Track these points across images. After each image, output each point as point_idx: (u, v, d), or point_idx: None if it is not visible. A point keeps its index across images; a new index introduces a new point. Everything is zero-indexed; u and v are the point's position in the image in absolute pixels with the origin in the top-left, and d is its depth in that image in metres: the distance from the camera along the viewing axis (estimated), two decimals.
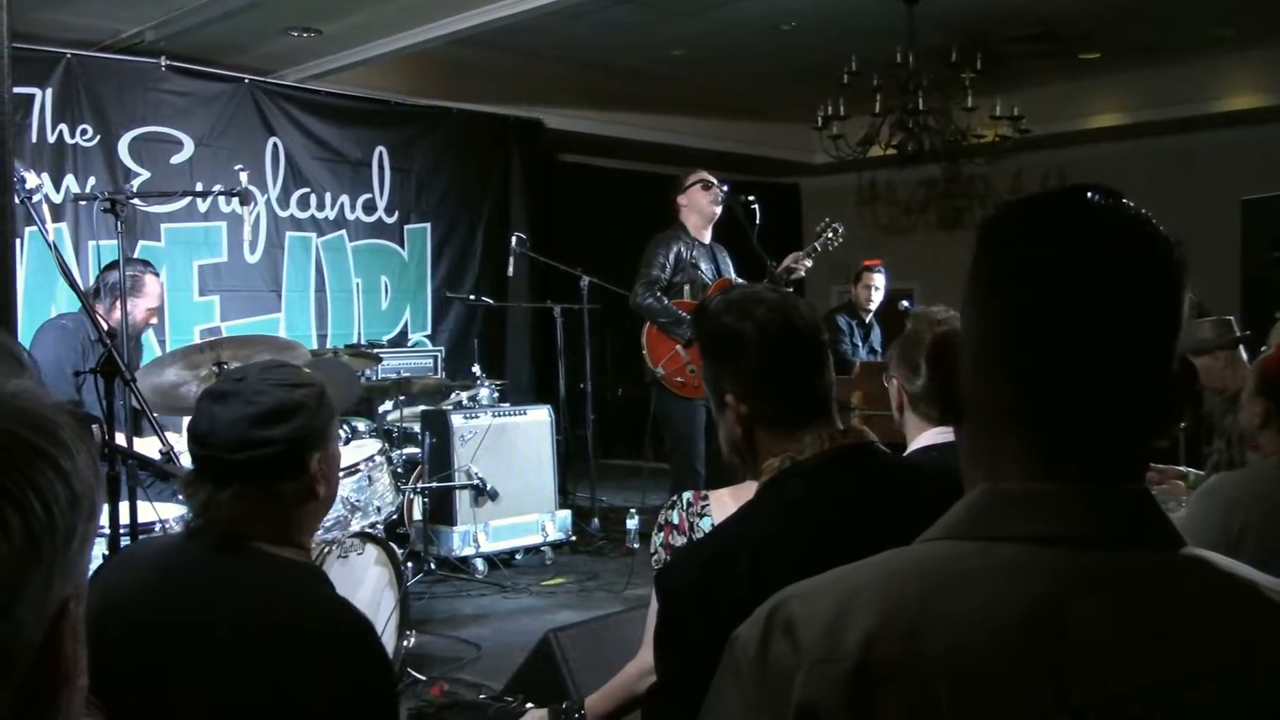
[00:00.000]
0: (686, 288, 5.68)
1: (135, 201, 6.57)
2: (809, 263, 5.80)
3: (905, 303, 6.12)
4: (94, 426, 1.89)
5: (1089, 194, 0.91)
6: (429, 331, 8.42)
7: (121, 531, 3.18)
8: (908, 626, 0.81)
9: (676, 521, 2.34)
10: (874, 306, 7.33)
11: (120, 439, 3.33)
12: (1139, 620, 0.81)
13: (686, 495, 2.39)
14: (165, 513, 3.76)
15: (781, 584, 1.50)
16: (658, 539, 2.35)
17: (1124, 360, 0.87)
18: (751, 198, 5.79)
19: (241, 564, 1.69)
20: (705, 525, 2.30)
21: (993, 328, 0.91)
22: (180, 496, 2.65)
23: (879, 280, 7.32)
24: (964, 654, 0.80)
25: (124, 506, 3.22)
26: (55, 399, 0.79)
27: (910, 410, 2.55)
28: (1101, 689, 0.78)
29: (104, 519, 3.06)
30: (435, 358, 7.65)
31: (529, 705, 2.55)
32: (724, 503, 2.30)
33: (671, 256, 5.67)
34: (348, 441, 5.06)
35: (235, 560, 1.69)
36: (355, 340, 7.65)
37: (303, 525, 1.78)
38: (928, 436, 2.52)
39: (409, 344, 8.07)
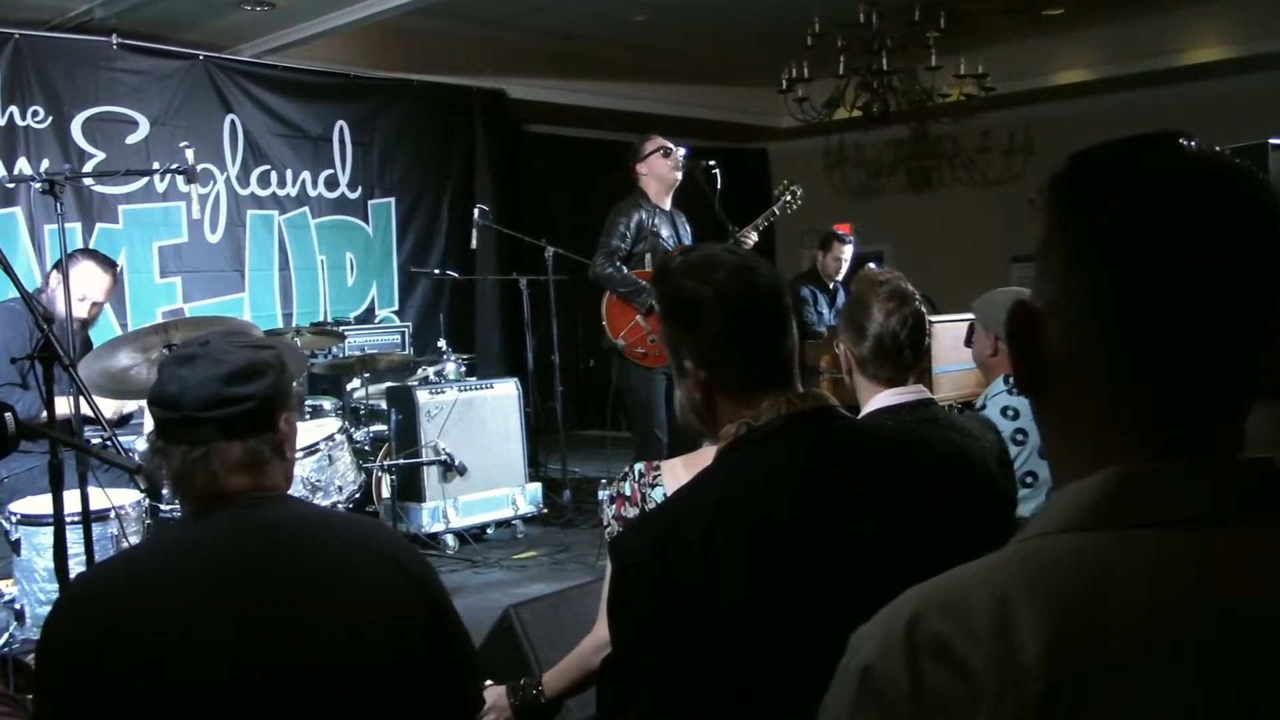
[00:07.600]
0: (648, 256, 5.57)
1: (88, 182, 6.48)
2: (755, 236, 5.74)
3: (872, 265, 6.09)
4: (6, 415, 1.86)
5: (1180, 141, 0.84)
6: (396, 307, 8.36)
7: (72, 520, 3.13)
8: (1085, 633, 0.75)
9: (629, 493, 2.31)
10: (842, 276, 7.36)
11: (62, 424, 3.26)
12: None
13: (639, 466, 2.35)
14: (119, 499, 3.72)
15: (733, 554, 1.48)
16: (609, 511, 2.32)
17: (1236, 325, 0.81)
18: (712, 162, 5.72)
19: (286, 515, 1.73)
20: (657, 495, 2.26)
21: (1097, 296, 0.83)
22: (145, 469, 2.62)
23: (848, 252, 7.37)
24: (1146, 653, 0.75)
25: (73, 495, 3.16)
26: None
27: (859, 373, 2.54)
28: None
29: (47, 508, 3.01)
30: (403, 333, 7.61)
31: (488, 682, 2.52)
32: (676, 472, 2.27)
33: (632, 226, 5.59)
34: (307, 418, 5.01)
35: (278, 511, 1.72)
36: (321, 318, 7.59)
37: (279, 485, 1.77)
38: (881, 399, 2.52)
39: (376, 320, 8.02)
